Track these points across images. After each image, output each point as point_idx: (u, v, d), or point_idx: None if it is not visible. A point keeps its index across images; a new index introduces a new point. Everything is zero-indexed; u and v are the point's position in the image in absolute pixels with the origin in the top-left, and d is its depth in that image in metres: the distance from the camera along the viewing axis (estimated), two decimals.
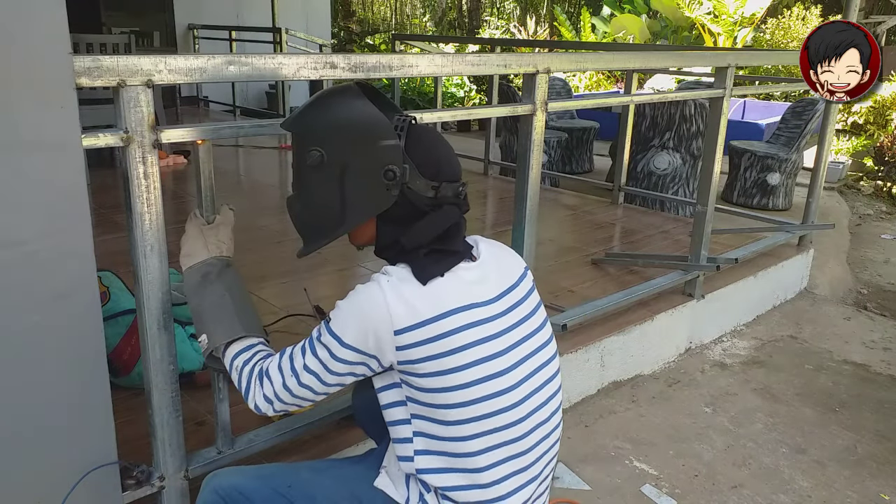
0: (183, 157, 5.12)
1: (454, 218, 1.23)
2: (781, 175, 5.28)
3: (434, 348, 1.14)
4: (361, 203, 1.20)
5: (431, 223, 1.20)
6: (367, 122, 1.18)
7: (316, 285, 2.98)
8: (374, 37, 15.60)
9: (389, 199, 1.18)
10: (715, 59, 3.11)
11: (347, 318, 1.16)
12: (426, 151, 1.20)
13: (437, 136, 1.27)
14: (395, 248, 1.22)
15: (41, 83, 1.13)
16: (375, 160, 1.17)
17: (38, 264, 1.18)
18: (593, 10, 13.18)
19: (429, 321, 1.14)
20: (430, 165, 1.20)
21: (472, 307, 1.18)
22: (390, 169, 1.16)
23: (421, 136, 1.21)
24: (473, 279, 1.21)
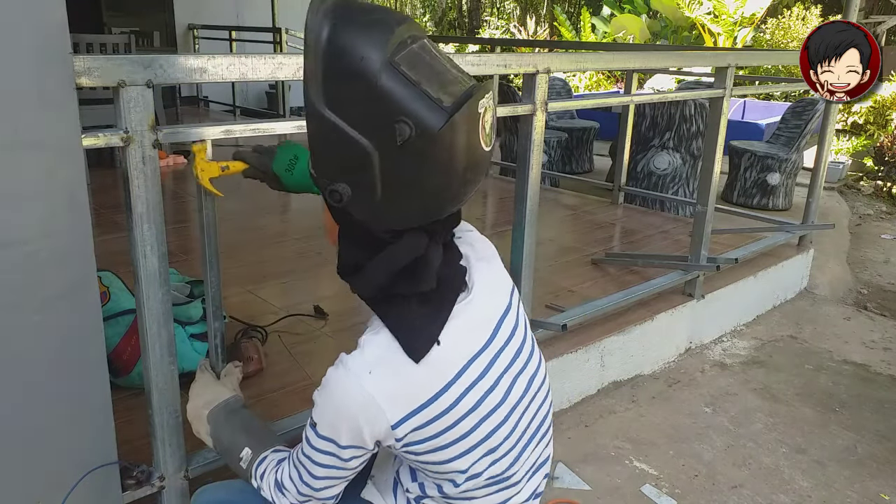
0: (183, 157, 5.12)
1: (417, 249, 0.94)
2: (781, 175, 5.28)
3: (435, 428, 0.98)
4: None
5: (386, 259, 0.94)
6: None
7: (316, 285, 2.98)
8: None
9: (341, 215, 0.95)
10: (715, 59, 3.11)
11: (333, 421, 0.99)
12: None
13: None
14: (359, 280, 0.99)
15: (41, 83, 1.13)
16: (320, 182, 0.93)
17: (38, 264, 1.18)
18: (593, 10, 13.18)
19: (427, 403, 0.97)
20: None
21: (475, 358, 1.01)
22: (335, 189, 0.90)
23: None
24: (468, 320, 1.01)
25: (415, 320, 0.96)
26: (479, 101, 0.87)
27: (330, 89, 0.85)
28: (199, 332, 2.14)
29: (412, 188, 0.88)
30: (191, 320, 2.16)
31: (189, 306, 2.19)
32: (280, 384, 2.10)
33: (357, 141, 0.85)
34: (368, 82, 0.82)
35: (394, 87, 0.82)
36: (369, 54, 0.82)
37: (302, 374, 2.17)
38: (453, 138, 0.86)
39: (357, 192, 0.89)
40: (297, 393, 2.05)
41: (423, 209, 0.92)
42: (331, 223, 1.01)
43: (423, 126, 0.83)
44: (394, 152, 0.85)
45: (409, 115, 0.83)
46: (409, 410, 0.96)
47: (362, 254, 0.97)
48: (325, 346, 2.40)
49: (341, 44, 0.83)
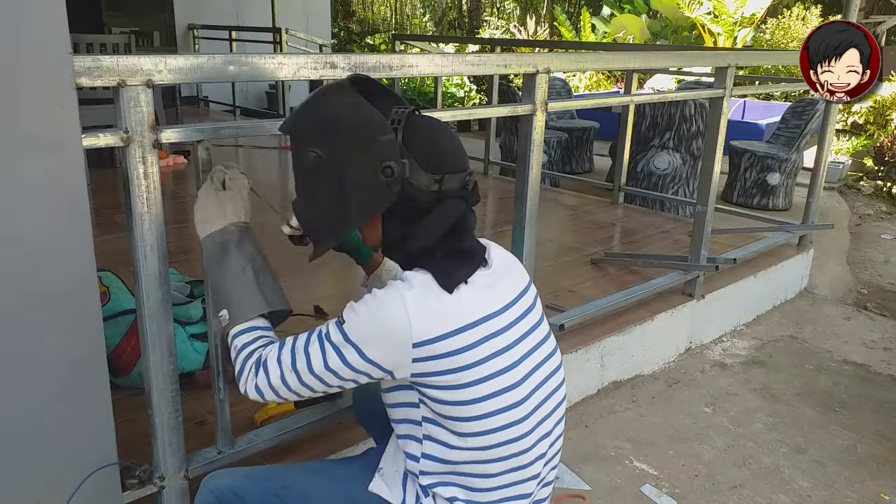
0: (183, 157, 5.12)
1: (459, 211, 1.17)
2: (781, 175, 5.28)
3: (451, 363, 1.12)
4: (362, 202, 1.14)
5: (436, 220, 1.15)
6: (360, 119, 1.13)
7: (316, 285, 2.98)
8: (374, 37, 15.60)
9: (390, 196, 1.12)
10: (715, 59, 3.11)
11: (366, 328, 1.14)
12: (426, 143, 1.14)
13: (437, 125, 1.21)
14: (403, 249, 1.19)
15: (41, 83, 1.13)
16: (372, 158, 1.11)
17: (38, 264, 1.18)
18: (593, 10, 13.18)
19: (449, 335, 1.12)
20: (431, 158, 1.14)
21: (489, 318, 1.16)
22: (388, 165, 1.10)
23: (420, 127, 1.16)
24: (489, 286, 1.19)
25: (449, 266, 1.16)
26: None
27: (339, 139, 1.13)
28: (199, 332, 2.14)
29: (431, 143, 1.15)
30: (191, 320, 2.16)
31: (189, 306, 2.19)
32: None
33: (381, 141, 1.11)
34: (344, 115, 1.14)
35: (357, 109, 1.14)
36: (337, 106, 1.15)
37: None
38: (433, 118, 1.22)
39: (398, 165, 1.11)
40: None
41: (443, 158, 1.16)
42: (368, 228, 1.21)
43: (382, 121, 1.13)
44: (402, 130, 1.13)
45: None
46: (432, 336, 1.11)
47: (406, 227, 1.17)
48: None
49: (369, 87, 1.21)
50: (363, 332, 1.13)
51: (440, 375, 1.12)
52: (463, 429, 1.14)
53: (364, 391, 1.50)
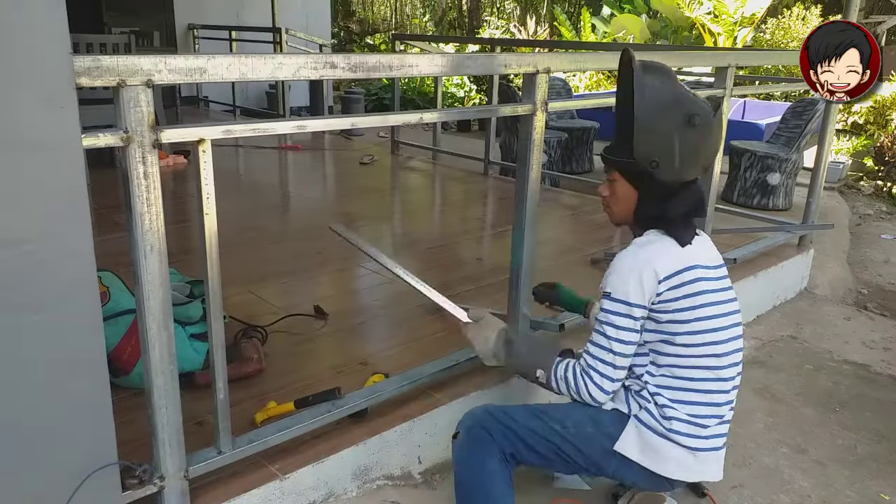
0: (183, 157, 5.12)
1: (700, 193, 1.72)
2: (781, 175, 5.27)
3: (680, 292, 1.61)
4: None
5: (689, 198, 1.68)
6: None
7: (316, 285, 2.98)
8: (374, 37, 15.61)
9: (646, 182, 1.68)
10: (715, 59, 3.11)
11: (623, 282, 1.62)
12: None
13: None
14: (653, 217, 1.68)
15: (41, 83, 1.13)
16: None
17: (38, 264, 1.18)
18: (593, 10, 13.18)
19: (680, 271, 1.62)
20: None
21: (704, 267, 1.65)
22: (654, 160, 1.62)
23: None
24: (701, 249, 1.70)
25: (680, 227, 1.68)
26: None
27: (648, 102, 1.61)
28: (199, 332, 2.14)
29: (696, 153, 1.65)
30: (191, 320, 2.16)
31: (189, 306, 2.19)
32: (280, 384, 2.10)
33: (667, 131, 1.61)
34: (672, 98, 1.63)
35: (683, 97, 1.64)
36: (667, 83, 1.65)
37: (302, 374, 2.18)
38: (718, 122, 1.71)
39: (664, 162, 1.62)
40: (297, 393, 2.04)
41: (701, 164, 1.69)
42: (625, 197, 1.71)
43: (704, 115, 1.63)
44: (687, 133, 1.61)
45: (697, 110, 1.62)
46: (670, 272, 1.61)
47: (658, 204, 1.67)
48: (325, 346, 2.40)
49: (652, 76, 1.64)
50: (624, 285, 1.62)
51: (671, 302, 1.61)
52: (678, 341, 1.63)
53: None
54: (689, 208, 1.69)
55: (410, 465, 2.00)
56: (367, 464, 1.89)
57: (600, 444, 1.68)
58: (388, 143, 6.31)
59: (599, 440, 1.68)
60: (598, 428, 1.68)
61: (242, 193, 4.74)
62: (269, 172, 5.51)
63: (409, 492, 1.93)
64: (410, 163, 5.89)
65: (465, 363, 2.13)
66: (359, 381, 2.09)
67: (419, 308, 2.72)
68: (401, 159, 5.96)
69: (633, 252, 1.65)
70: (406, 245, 3.75)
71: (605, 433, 1.68)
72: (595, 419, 1.69)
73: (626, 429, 1.66)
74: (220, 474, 1.65)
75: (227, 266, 1.57)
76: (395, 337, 2.51)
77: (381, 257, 1.90)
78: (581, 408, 1.72)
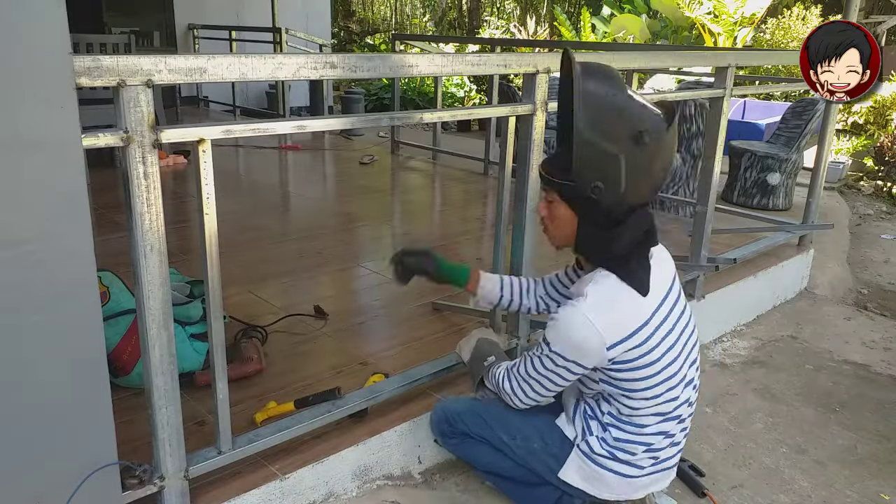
0: (183, 157, 5.12)
1: (649, 222, 1.51)
2: (781, 175, 5.27)
3: (635, 353, 1.48)
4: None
5: (633, 228, 1.47)
6: None
7: (316, 285, 2.98)
8: (374, 37, 15.60)
9: (586, 207, 1.49)
10: (715, 59, 3.11)
11: (564, 344, 1.49)
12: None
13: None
14: (597, 249, 1.51)
15: (41, 83, 1.13)
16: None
17: (38, 264, 1.18)
18: (593, 10, 13.17)
19: (635, 332, 1.47)
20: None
21: (659, 306, 1.51)
22: (596, 185, 1.42)
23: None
24: (655, 278, 1.51)
25: (637, 271, 1.48)
26: (675, 114, 1.44)
27: (590, 120, 1.37)
28: (199, 332, 2.14)
29: (645, 175, 1.43)
30: (191, 320, 2.16)
31: (189, 306, 2.19)
32: (280, 384, 2.10)
33: (610, 151, 1.39)
34: (617, 110, 1.38)
35: (631, 109, 1.39)
36: (611, 92, 1.39)
37: (302, 374, 2.17)
38: (672, 138, 1.44)
39: (609, 187, 1.41)
40: (297, 393, 2.04)
41: (651, 188, 1.48)
42: (564, 220, 1.51)
43: (656, 132, 1.39)
44: (634, 152, 1.39)
45: (646, 126, 1.38)
46: (622, 338, 1.46)
47: (600, 232, 1.47)
48: (325, 346, 2.40)
49: (595, 85, 1.39)
50: (562, 348, 1.50)
51: (628, 363, 1.49)
52: (634, 394, 1.54)
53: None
54: (635, 239, 1.49)
55: (410, 465, 2.00)
56: (367, 464, 1.89)
57: (545, 462, 1.69)
58: (388, 143, 6.31)
59: (544, 459, 1.69)
60: (545, 447, 1.69)
61: (242, 193, 4.74)
62: (269, 172, 5.50)
63: (409, 492, 1.93)
64: (410, 163, 5.89)
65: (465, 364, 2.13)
66: (359, 381, 2.09)
67: (419, 308, 2.72)
68: (401, 159, 5.96)
69: (581, 317, 1.46)
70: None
71: (551, 453, 1.69)
72: (543, 436, 1.70)
73: (569, 457, 1.66)
74: (220, 474, 1.65)
75: (227, 266, 1.57)
76: (395, 337, 2.51)
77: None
78: (530, 421, 1.72)
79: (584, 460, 1.64)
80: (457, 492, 1.97)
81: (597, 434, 1.63)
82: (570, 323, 1.47)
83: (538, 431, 1.70)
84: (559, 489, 1.70)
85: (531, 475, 1.73)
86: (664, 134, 1.41)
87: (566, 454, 1.66)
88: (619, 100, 1.39)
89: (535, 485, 1.74)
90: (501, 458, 1.76)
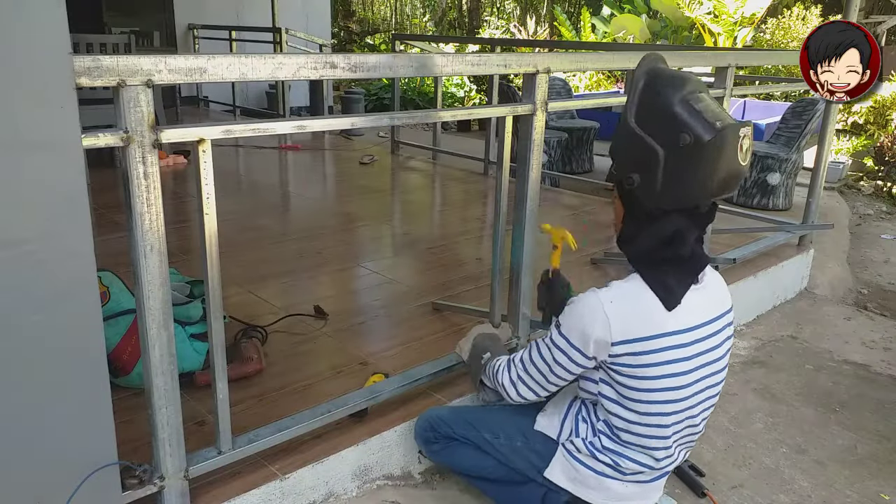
0: (183, 156, 5.12)
1: (678, 225, 1.44)
2: (781, 175, 5.27)
3: (637, 359, 1.46)
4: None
5: (659, 228, 1.44)
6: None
7: (316, 285, 2.98)
8: (374, 37, 15.60)
9: (629, 199, 1.49)
10: (715, 59, 3.11)
11: (574, 324, 1.50)
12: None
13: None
14: (633, 244, 1.50)
15: (41, 83, 1.13)
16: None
17: (38, 264, 1.18)
18: (593, 10, 13.18)
19: (643, 339, 1.45)
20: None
21: (684, 332, 1.47)
22: (630, 177, 1.44)
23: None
24: (688, 305, 1.47)
25: (667, 282, 1.45)
26: (742, 128, 1.38)
27: (640, 112, 1.42)
28: (199, 332, 2.14)
29: (684, 180, 1.38)
30: (191, 320, 2.16)
31: (189, 306, 2.19)
32: (280, 384, 2.10)
33: (651, 145, 1.39)
34: (666, 109, 1.37)
35: (681, 111, 1.36)
36: (670, 93, 1.38)
37: (302, 374, 2.18)
38: (718, 149, 1.35)
39: (644, 181, 1.41)
40: (297, 393, 2.05)
41: (685, 197, 1.41)
42: (618, 213, 1.54)
43: (698, 137, 1.34)
44: (674, 153, 1.37)
45: (689, 129, 1.35)
46: (629, 338, 1.45)
47: (639, 227, 1.47)
48: (325, 346, 2.40)
49: (655, 86, 1.41)
50: (570, 328, 1.51)
51: (625, 367, 1.47)
52: (632, 397, 1.50)
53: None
54: (663, 239, 1.44)
55: (410, 465, 2.00)
56: (367, 464, 1.89)
57: (528, 459, 1.70)
58: (388, 143, 6.31)
59: (527, 455, 1.70)
60: (527, 443, 1.70)
61: (242, 193, 4.74)
62: (269, 172, 5.50)
63: (409, 492, 1.93)
64: (410, 163, 5.89)
65: (466, 363, 2.13)
66: (359, 381, 2.09)
67: (419, 308, 2.72)
68: (401, 159, 5.96)
69: (596, 301, 1.47)
70: (406, 245, 3.75)
71: (534, 450, 1.70)
72: (525, 433, 1.71)
73: (555, 456, 1.67)
74: (220, 474, 1.65)
75: (227, 266, 1.57)
76: (395, 337, 2.51)
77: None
78: (512, 420, 1.75)
79: (567, 459, 1.65)
80: (457, 492, 1.97)
81: (583, 437, 1.63)
82: (584, 303, 1.49)
83: (520, 429, 1.72)
84: (544, 486, 1.71)
85: (515, 474, 1.74)
86: (710, 140, 1.34)
87: (550, 452, 1.68)
88: (677, 101, 1.37)
89: (521, 483, 1.74)
90: (486, 459, 1.76)
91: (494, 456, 1.75)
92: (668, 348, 1.46)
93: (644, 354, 1.45)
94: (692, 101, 1.37)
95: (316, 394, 2.03)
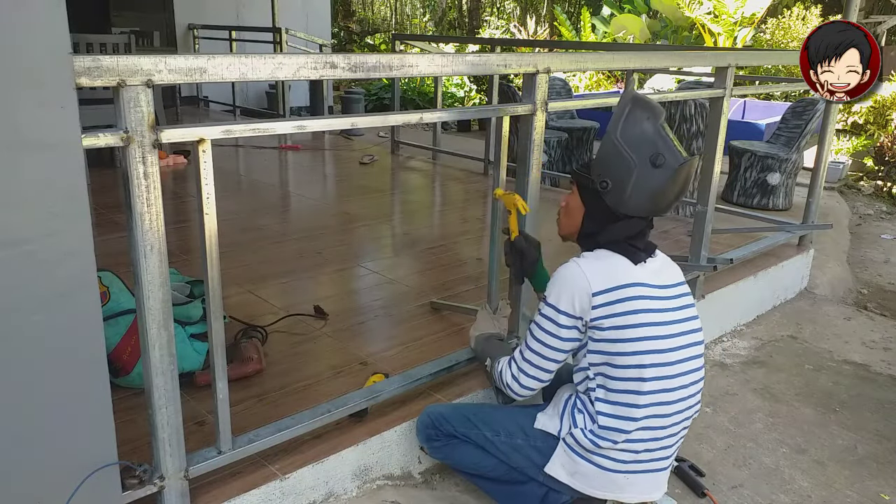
0: (183, 157, 5.12)
1: (639, 227, 1.68)
2: (781, 175, 5.27)
3: (615, 308, 1.60)
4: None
5: (624, 228, 1.67)
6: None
7: (316, 285, 2.98)
8: (374, 37, 15.60)
9: (594, 200, 1.70)
10: (715, 59, 3.11)
11: (558, 290, 1.64)
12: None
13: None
14: (590, 240, 1.71)
15: (41, 83, 1.13)
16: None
17: (38, 264, 1.18)
18: (593, 10, 13.18)
19: (620, 287, 1.61)
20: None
21: (646, 286, 1.64)
22: (605, 181, 1.65)
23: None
24: (651, 269, 1.68)
25: (627, 247, 1.68)
26: (694, 163, 1.68)
27: (625, 128, 1.64)
28: (199, 332, 2.14)
29: (647, 193, 1.63)
30: (191, 320, 2.16)
31: (189, 306, 2.19)
32: (280, 384, 2.10)
33: (629, 158, 1.62)
34: (645, 133, 1.63)
35: (657, 138, 1.62)
36: (650, 119, 1.63)
37: (302, 374, 2.17)
38: (680, 175, 1.64)
39: (615, 187, 1.64)
40: (297, 393, 2.05)
41: (648, 207, 1.66)
42: (574, 211, 1.74)
43: (669, 161, 1.61)
44: (646, 170, 1.61)
45: (663, 152, 1.61)
46: (605, 287, 1.61)
47: (598, 226, 1.69)
48: (325, 346, 2.40)
49: (640, 110, 1.65)
50: (556, 295, 1.64)
51: (607, 319, 1.60)
52: (620, 362, 1.61)
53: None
54: (623, 238, 1.68)
55: (410, 465, 2.00)
56: (367, 464, 1.89)
57: (529, 456, 1.74)
58: (388, 143, 6.31)
59: (528, 453, 1.74)
60: (528, 440, 1.74)
61: (242, 193, 4.73)
62: (269, 172, 5.50)
63: (409, 492, 1.93)
64: (410, 163, 5.89)
65: (465, 363, 2.13)
66: (359, 381, 2.09)
67: (419, 308, 2.72)
68: (401, 159, 5.96)
69: (573, 264, 1.66)
70: (406, 245, 3.75)
71: (534, 447, 1.73)
72: (525, 431, 1.75)
73: (555, 451, 1.70)
74: (220, 474, 1.65)
75: (227, 266, 1.58)
76: (395, 337, 2.51)
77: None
78: (513, 418, 1.79)
79: (568, 453, 1.68)
80: (457, 492, 1.97)
81: (582, 426, 1.66)
82: (565, 269, 1.66)
83: (520, 427, 1.75)
84: (545, 485, 1.72)
85: (516, 473, 1.76)
86: (677, 168, 1.61)
87: (551, 448, 1.70)
88: (655, 130, 1.64)
89: (522, 482, 1.76)
90: (487, 457, 1.79)
91: (495, 454, 1.77)
92: (641, 298, 1.62)
93: (620, 303, 1.60)
94: (663, 132, 1.64)
95: (316, 394, 2.03)
